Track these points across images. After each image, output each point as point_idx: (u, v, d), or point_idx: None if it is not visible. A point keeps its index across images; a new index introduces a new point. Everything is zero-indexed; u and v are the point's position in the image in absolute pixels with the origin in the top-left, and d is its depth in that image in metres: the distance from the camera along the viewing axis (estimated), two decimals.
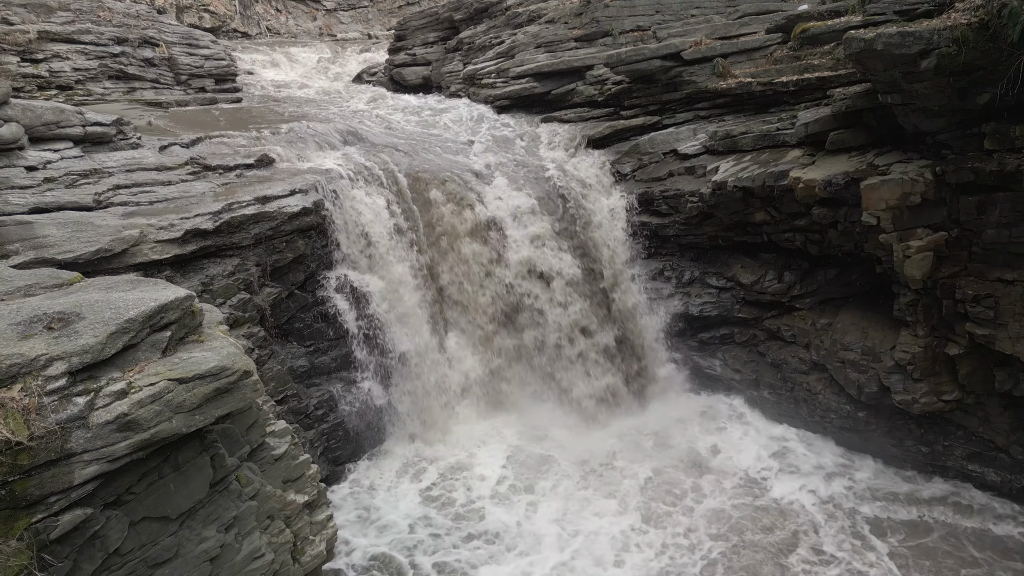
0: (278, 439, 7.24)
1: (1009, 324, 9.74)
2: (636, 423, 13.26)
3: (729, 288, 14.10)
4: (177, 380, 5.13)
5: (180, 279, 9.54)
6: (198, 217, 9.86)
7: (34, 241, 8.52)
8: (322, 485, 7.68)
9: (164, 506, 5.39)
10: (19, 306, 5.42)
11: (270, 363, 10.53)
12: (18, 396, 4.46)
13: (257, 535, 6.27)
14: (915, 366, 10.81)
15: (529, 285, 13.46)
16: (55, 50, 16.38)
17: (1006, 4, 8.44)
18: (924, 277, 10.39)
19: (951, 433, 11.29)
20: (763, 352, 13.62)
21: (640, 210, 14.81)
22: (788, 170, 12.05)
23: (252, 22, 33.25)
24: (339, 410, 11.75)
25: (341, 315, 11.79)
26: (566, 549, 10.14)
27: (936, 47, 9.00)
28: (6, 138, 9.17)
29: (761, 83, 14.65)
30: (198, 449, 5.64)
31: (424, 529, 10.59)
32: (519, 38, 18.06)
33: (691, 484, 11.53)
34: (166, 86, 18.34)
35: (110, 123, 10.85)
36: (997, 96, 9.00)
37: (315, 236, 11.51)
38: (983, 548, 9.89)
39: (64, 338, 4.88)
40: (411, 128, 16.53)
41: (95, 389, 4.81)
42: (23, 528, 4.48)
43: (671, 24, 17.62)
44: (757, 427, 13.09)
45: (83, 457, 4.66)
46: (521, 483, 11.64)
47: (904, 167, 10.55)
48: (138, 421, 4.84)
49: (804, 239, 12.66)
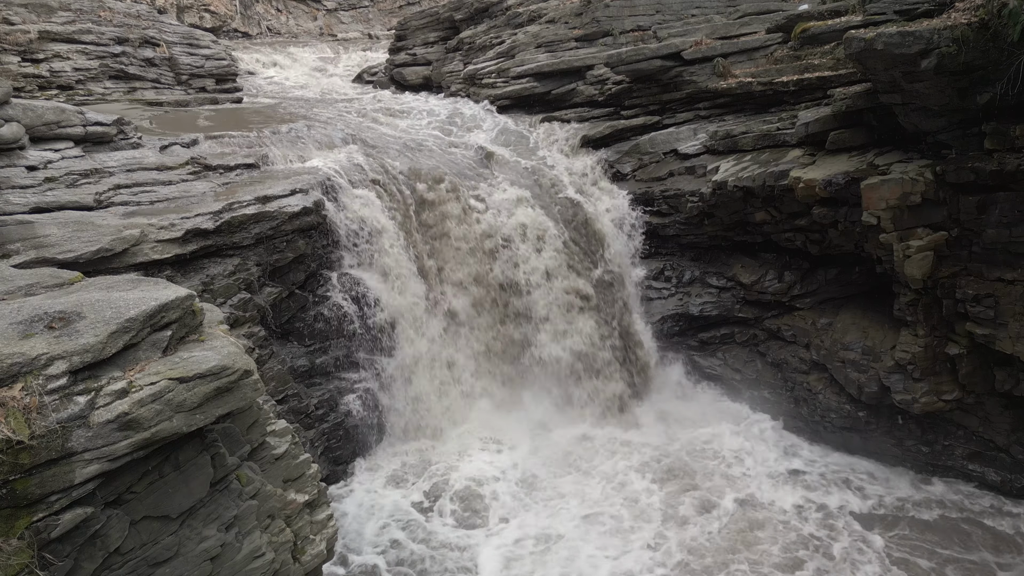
0: (279, 438, 7.23)
1: (1009, 324, 9.74)
2: (637, 428, 13.22)
3: (729, 288, 14.11)
4: (178, 379, 5.13)
5: (181, 279, 9.54)
6: (199, 217, 9.86)
7: (35, 241, 8.52)
8: (323, 484, 7.67)
9: (165, 505, 5.39)
10: (20, 305, 5.42)
11: (271, 363, 10.53)
12: (19, 395, 4.46)
13: (257, 534, 6.26)
14: (915, 366, 10.81)
15: (532, 280, 13.46)
16: (56, 50, 16.39)
17: (1006, 4, 8.45)
18: (924, 277, 10.39)
19: (951, 433, 11.29)
20: (763, 352, 13.63)
21: (640, 210, 14.82)
22: (788, 170, 12.06)
23: (253, 22, 33.26)
24: (339, 410, 11.75)
25: (342, 315, 11.79)
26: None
27: (936, 47, 9.01)
28: (7, 138, 9.16)
29: (761, 83, 14.66)
30: (199, 448, 5.64)
31: (399, 548, 10.32)
32: (519, 38, 18.06)
33: (691, 485, 11.53)
34: (167, 86, 18.35)
35: (111, 123, 10.85)
36: (997, 96, 9.00)
37: (316, 236, 11.51)
38: (982, 546, 9.89)
39: (65, 337, 4.89)
40: (411, 128, 16.53)
41: (96, 388, 4.81)
42: (24, 527, 4.48)
43: (671, 24, 17.63)
44: (757, 427, 13.08)
45: (84, 456, 4.66)
46: (521, 490, 11.58)
47: (904, 167, 10.56)
48: (139, 420, 4.85)
49: (804, 239, 12.67)
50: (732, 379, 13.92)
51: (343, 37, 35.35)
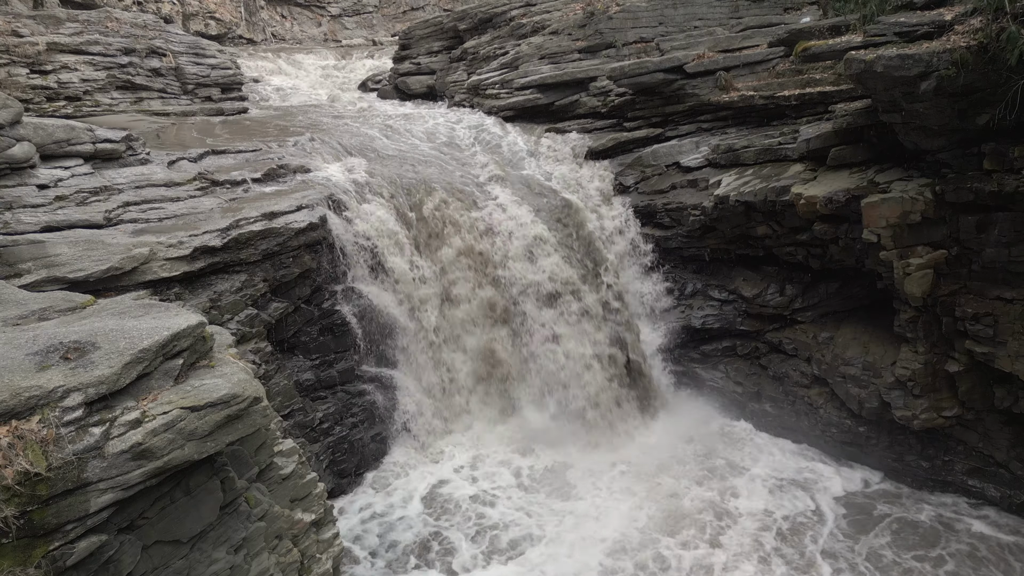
0: (285, 458, 7.35)
1: (1008, 342, 9.83)
2: (640, 438, 13.32)
3: (731, 301, 14.20)
4: (189, 408, 5.25)
5: (189, 295, 9.67)
6: (206, 234, 9.99)
7: (46, 260, 8.66)
8: (329, 503, 7.80)
9: (176, 530, 5.51)
10: (35, 334, 5.55)
11: (276, 377, 10.65)
12: (36, 428, 4.58)
13: (266, 555, 6.39)
14: (915, 382, 10.90)
15: (530, 295, 13.56)
16: (63, 61, 16.54)
17: (1004, 28, 8.54)
18: (924, 294, 10.48)
19: (951, 448, 11.37)
20: (765, 365, 13.71)
21: (643, 222, 14.93)
22: (790, 185, 12.16)
23: (258, 28, 33.44)
24: (344, 423, 11.87)
25: (347, 328, 11.91)
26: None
27: (935, 69, 9.11)
28: (18, 157, 9.30)
29: (763, 97, 14.76)
30: (208, 473, 5.76)
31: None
32: (523, 49, 18.18)
33: (697, 497, 11.63)
34: (173, 95, 18.49)
35: (120, 139, 10.98)
36: (996, 117, 9.09)
37: (321, 250, 11.63)
38: (979, 562, 9.97)
39: (80, 369, 5.01)
40: (415, 139, 16.64)
41: (110, 419, 4.93)
42: (40, 556, 4.60)
43: (674, 36, 17.74)
44: (759, 441, 13.16)
45: (99, 486, 4.78)
46: (524, 507, 11.67)
47: (904, 185, 10.65)
48: (152, 450, 4.97)
49: (806, 253, 12.76)
50: (734, 392, 13.99)
51: (347, 43, 35.50)
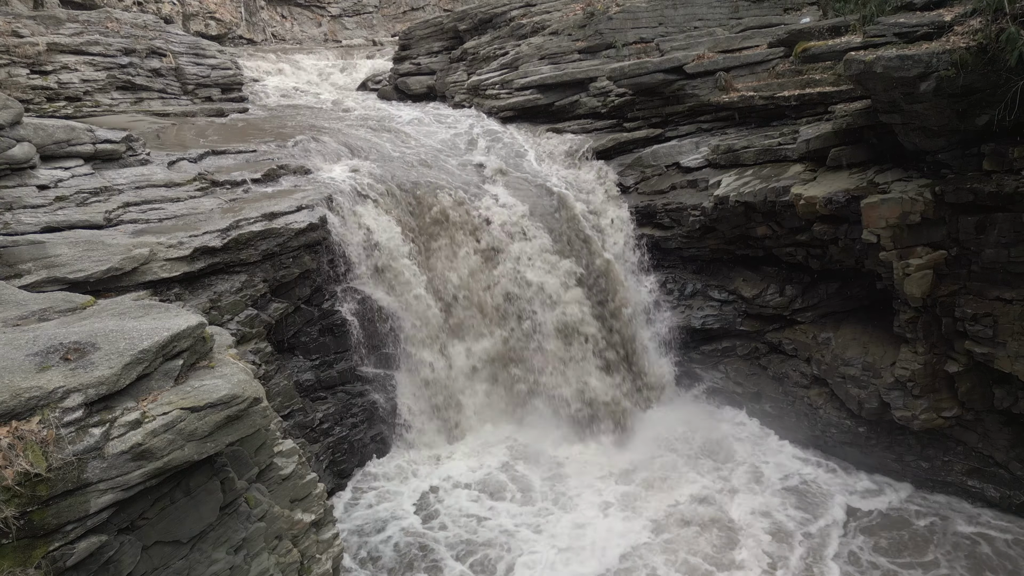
0: (285, 459, 7.34)
1: (1008, 343, 9.84)
2: (639, 441, 13.31)
3: (731, 301, 14.20)
4: (189, 409, 5.25)
5: (189, 296, 9.68)
6: (206, 235, 10.00)
7: (46, 260, 8.68)
8: (329, 503, 7.80)
9: (176, 530, 5.51)
10: (35, 335, 5.55)
11: (276, 378, 10.66)
12: (36, 428, 4.59)
13: (265, 556, 6.39)
14: (915, 383, 10.90)
15: (530, 296, 13.57)
16: (64, 62, 16.54)
17: (1004, 29, 8.54)
18: (924, 295, 10.49)
19: (951, 448, 11.38)
20: (765, 365, 13.72)
21: (642, 223, 14.93)
22: (790, 186, 12.16)
23: (258, 28, 33.44)
24: (344, 423, 11.88)
25: (347, 329, 11.92)
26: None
27: (935, 70, 9.11)
28: (19, 158, 9.31)
29: (763, 97, 14.75)
30: (208, 474, 5.76)
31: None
32: (523, 49, 18.18)
33: (697, 501, 11.63)
34: (173, 96, 18.49)
35: (120, 140, 10.99)
36: (995, 118, 9.10)
37: (321, 251, 11.64)
38: (980, 562, 9.98)
39: (80, 369, 5.01)
40: (415, 139, 16.64)
41: (110, 420, 4.93)
42: (40, 556, 4.60)
43: (674, 36, 17.73)
44: (759, 442, 13.16)
45: (99, 486, 4.79)
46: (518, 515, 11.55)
47: (904, 185, 10.66)
48: (152, 450, 4.97)
49: (805, 254, 12.76)
50: (734, 392, 14.00)
51: (347, 43, 35.50)
